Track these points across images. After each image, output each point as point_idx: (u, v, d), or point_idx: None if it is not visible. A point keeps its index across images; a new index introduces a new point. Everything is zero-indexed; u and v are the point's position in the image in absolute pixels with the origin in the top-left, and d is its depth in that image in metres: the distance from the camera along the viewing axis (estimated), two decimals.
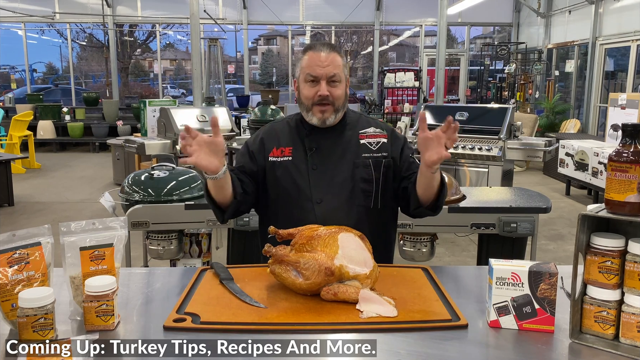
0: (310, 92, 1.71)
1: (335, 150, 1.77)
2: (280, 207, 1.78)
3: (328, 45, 1.74)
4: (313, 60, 1.70)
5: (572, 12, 10.78)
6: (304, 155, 1.77)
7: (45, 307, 1.15)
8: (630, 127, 1.17)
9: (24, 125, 9.22)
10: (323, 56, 1.69)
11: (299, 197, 1.74)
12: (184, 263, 3.06)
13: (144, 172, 2.88)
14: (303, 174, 1.75)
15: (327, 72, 1.69)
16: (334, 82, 1.71)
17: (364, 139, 1.79)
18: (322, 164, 1.76)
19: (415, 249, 2.85)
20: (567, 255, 4.74)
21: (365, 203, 1.75)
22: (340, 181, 1.74)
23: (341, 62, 1.73)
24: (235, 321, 1.26)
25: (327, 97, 1.70)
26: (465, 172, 5.46)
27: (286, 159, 1.77)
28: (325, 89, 1.69)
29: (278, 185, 1.76)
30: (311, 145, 1.77)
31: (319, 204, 1.73)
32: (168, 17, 13.16)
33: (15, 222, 5.82)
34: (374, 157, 1.77)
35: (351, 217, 1.71)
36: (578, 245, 1.20)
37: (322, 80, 1.70)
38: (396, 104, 11.75)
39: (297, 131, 1.81)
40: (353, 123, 1.83)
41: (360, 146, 1.78)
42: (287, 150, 1.77)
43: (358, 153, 1.77)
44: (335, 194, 1.74)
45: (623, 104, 6.57)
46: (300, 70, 1.75)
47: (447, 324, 1.25)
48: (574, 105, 10.97)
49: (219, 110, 6.54)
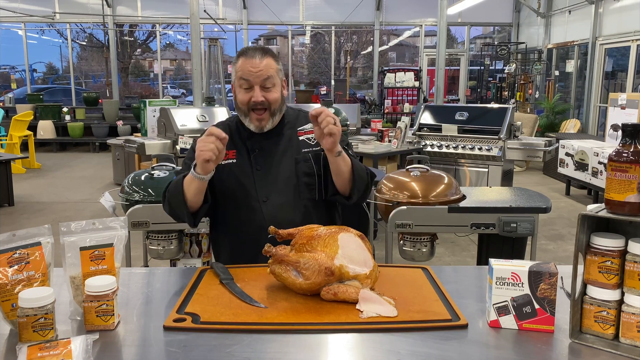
0: (245, 97, 1.74)
1: (277, 150, 1.82)
2: (228, 209, 1.82)
3: (261, 49, 1.76)
4: (245, 66, 1.71)
5: (572, 12, 10.79)
6: (247, 157, 1.81)
7: (45, 307, 1.15)
8: (630, 127, 1.17)
9: (24, 125, 9.22)
10: (256, 62, 1.71)
11: (245, 197, 1.78)
12: (184, 263, 3.06)
13: (144, 172, 2.88)
14: (248, 175, 1.79)
15: (259, 77, 1.71)
16: (268, 87, 1.73)
17: (302, 135, 1.84)
18: (265, 163, 1.80)
19: (415, 249, 2.85)
20: (567, 255, 4.75)
21: (310, 196, 1.81)
22: (284, 178, 1.79)
23: (275, 66, 1.75)
24: (235, 321, 1.26)
25: (262, 102, 1.72)
26: (465, 172, 5.46)
27: (230, 162, 1.80)
28: (259, 95, 1.71)
29: (224, 187, 1.79)
30: (254, 147, 1.81)
31: (265, 202, 1.77)
32: (168, 17, 13.17)
33: (15, 222, 5.82)
34: (313, 151, 1.82)
35: (298, 212, 1.77)
36: (578, 245, 1.20)
37: (256, 86, 1.72)
38: (396, 104, 11.75)
39: (238, 134, 1.85)
40: (292, 121, 1.87)
41: (300, 142, 1.83)
42: (230, 154, 1.80)
43: (298, 149, 1.82)
44: (280, 191, 1.78)
45: (623, 104, 6.57)
46: (234, 75, 1.77)
47: (447, 324, 1.26)
48: (574, 105, 10.97)
49: (219, 110, 6.54)
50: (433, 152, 5.51)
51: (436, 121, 5.69)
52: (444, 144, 5.53)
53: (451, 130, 5.49)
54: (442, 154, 5.50)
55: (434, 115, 5.78)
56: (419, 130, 5.73)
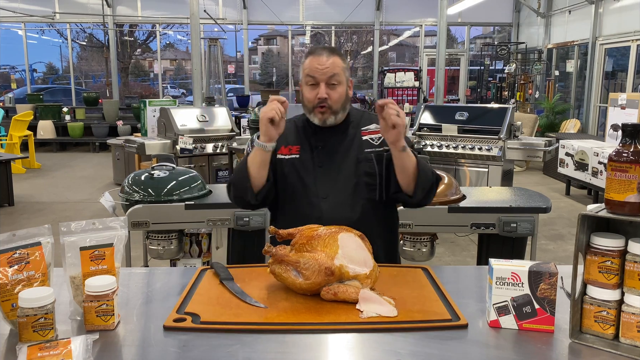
0: (311, 94, 1.78)
1: (340, 148, 1.84)
2: (287, 203, 1.84)
3: (329, 48, 1.81)
4: (313, 63, 1.77)
5: (572, 12, 10.78)
6: (310, 153, 1.84)
7: (45, 307, 1.15)
8: (630, 127, 1.17)
9: (24, 125, 9.22)
10: (323, 59, 1.76)
11: (305, 193, 1.80)
12: (184, 263, 3.06)
13: (144, 172, 2.88)
14: (310, 171, 1.82)
15: (325, 74, 1.75)
16: (333, 84, 1.77)
17: (366, 135, 1.86)
18: (328, 161, 1.83)
19: (415, 249, 2.85)
20: (567, 255, 4.74)
21: (369, 196, 1.81)
22: (345, 177, 1.81)
23: (341, 64, 1.79)
24: (235, 321, 1.26)
25: (325, 99, 1.76)
26: (465, 172, 5.46)
27: (293, 157, 1.83)
28: (324, 92, 1.76)
29: (285, 182, 1.83)
30: (317, 144, 1.84)
31: (325, 199, 1.79)
32: (168, 17, 13.16)
33: (15, 222, 5.82)
34: (375, 151, 1.83)
35: (356, 210, 1.78)
36: (578, 245, 1.20)
37: (322, 83, 1.76)
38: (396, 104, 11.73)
39: (303, 131, 1.88)
40: (356, 121, 1.89)
41: (363, 142, 1.84)
42: (294, 149, 1.84)
43: (361, 149, 1.83)
44: (340, 189, 1.80)
45: (623, 104, 6.57)
46: (302, 73, 1.82)
47: (447, 323, 1.26)
48: (574, 105, 10.97)
49: (219, 110, 6.54)
50: (433, 152, 5.50)
51: (436, 121, 5.69)
52: (444, 144, 5.52)
53: (451, 130, 5.49)
54: (442, 154, 5.50)
55: (434, 115, 5.77)
56: (419, 130, 5.73)
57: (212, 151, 6.08)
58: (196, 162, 6.05)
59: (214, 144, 6.09)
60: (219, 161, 6.27)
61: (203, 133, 6.06)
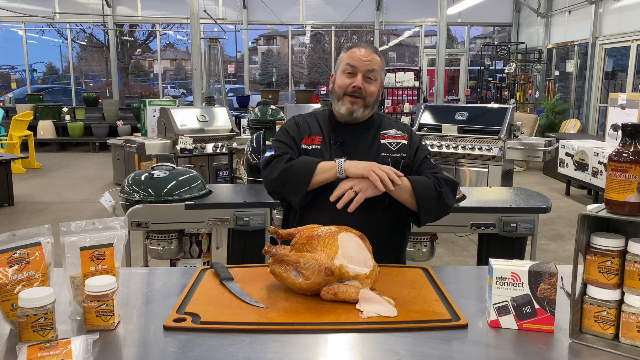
0: (345, 82, 1.79)
1: (358, 148, 1.84)
2: None
3: (372, 45, 1.84)
4: (355, 53, 1.79)
5: (572, 12, 10.79)
6: (329, 147, 1.84)
7: (45, 307, 1.15)
8: (630, 127, 1.17)
9: (24, 125, 9.22)
10: (364, 52, 1.78)
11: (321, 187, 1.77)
12: (184, 263, 3.06)
13: (144, 172, 2.88)
14: None
15: (365, 66, 1.77)
16: (370, 78, 1.78)
17: (385, 139, 1.86)
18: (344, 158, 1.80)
19: (415, 249, 2.85)
20: (567, 255, 4.74)
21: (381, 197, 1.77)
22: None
23: (380, 63, 1.81)
24: (235, 321, 1.26)
25: (360, 89, 1.77)
26: (465, 172, 5.46)
27: (315, 147, 1.84)
28: (360, 81, 1.77)
29: None
30: (336, 139, 1.84)
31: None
32: (168, 17, 13.16)
33: (15, 222, 5.82)
34: (393, 156, 1.83)
35: (369, 212, 1.75)
36: (578, 245, 1.20)
37: (360, 73, 1.77)
38: (396, 104, 11.74)
39: (325, 124, 1.89)
40: (377, 124, 1.90)
41: (381, 145, 1.85)
42: (317, 139, 1.85)
43: (378, 152, 1.84)
44: None
45: (623, 104, 6.57)
46: (340, 62, 1.83)
47: (447, 324, 1.26)
48: (574, 105, 10.97)
49: (219, 110, 6.54)
50: (433, 152, 5.50)
51: (436, 121, 5.69)
52: (444, 144, 5.53)
53: (451, 130, 5.49)
54: (442, 154, 5.50)
55: (434, 115, 5.77)
56: (419, 130, 5.73)
57: (212, 151, 6.08)
58: (196, 162, 6.05)
59: (214, 144, 6.09)
60: (219, 161, 6.27)
61: (203, 133, 6.07)
